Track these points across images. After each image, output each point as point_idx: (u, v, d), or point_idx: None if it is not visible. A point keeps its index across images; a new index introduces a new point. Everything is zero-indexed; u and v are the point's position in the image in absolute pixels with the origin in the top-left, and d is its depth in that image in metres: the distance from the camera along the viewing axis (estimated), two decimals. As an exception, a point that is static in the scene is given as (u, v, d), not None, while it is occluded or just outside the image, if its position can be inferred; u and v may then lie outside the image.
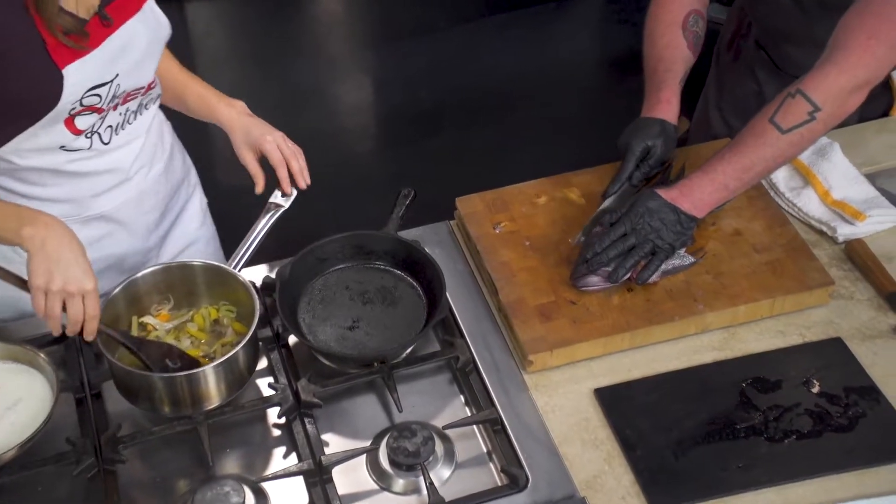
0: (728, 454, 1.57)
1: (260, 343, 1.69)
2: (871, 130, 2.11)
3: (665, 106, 1.83)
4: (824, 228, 1.91)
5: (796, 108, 1.70)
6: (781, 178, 1.97)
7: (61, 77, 1.52)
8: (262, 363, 1.70)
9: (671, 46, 1.85)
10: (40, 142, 1.60)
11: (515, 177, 1.96)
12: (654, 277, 1.71)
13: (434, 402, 1.64)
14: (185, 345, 1.67)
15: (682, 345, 1.72)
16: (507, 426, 1.58)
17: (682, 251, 1.75)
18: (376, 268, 1.78)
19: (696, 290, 1.74)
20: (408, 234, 1.81)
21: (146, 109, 1.72)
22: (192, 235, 1.95)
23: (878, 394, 1.66)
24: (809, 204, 1.93)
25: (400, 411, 1.61)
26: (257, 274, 1.78)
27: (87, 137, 1.64)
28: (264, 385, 1.67)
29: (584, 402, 1.64)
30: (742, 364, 1.70)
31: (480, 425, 1.60)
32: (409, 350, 1.68)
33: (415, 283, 1.74)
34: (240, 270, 1.68)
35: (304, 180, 1.74)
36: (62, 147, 1.62)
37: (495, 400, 1.61)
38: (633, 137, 1.81)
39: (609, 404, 1.64)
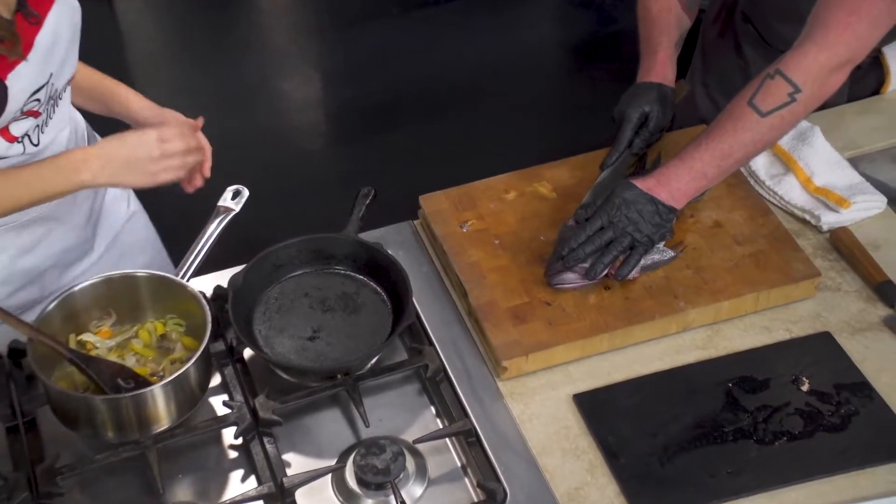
0: (716, 459, 1.56)
1: (213, 358, 1.64)
2: (852, 112, 2.10)
3: (660, 68, 1.83)
4: (807, 217, 1.89)
5: (776, 89, 1.69)
6: (761, 165, 1.95)
7: (5, 88, 1.49)
8: (216, 380, 1.66)
9: (665, 9, 1.87)
10: None
11: (481, 172, 1.94)
12: (633, 273, 1.70)
13: (403, 415, 1.61)
14: (130, 363, 1.61)
15: (664, 344, 1.70)
16: (482, 438, 1.55)
17: (661, 245, 1.73)
18: (336, 273, 1.75)
19: (676, 287, 1.72)
20: (369, 236, 1.79)
21: (61, 99, 1.67)
22: (123, 214, 1.92)
23: (871, 390, 1.65)
24: (791, 192, 1.92)
25: (367, 426, 1.58)
26: (208, 284, 1.74)
27: (19, 142, 1.61)
28: (218, 403, 1.63)
29: (562, 409, 1.62)
30: (727, 363, 1.68)
31: (453, 438, 1.58)
32: (374, 360, 1.65)
33: (378, 289, 1.72)
34: (188, 280, 1.65)
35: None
36: None
37: (468, 410, 1.58)
38: (629, 104, 1.81)
39: (589, 410, 1.62)
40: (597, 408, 1.62)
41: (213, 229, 1.69)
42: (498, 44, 4.04)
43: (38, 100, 1.56)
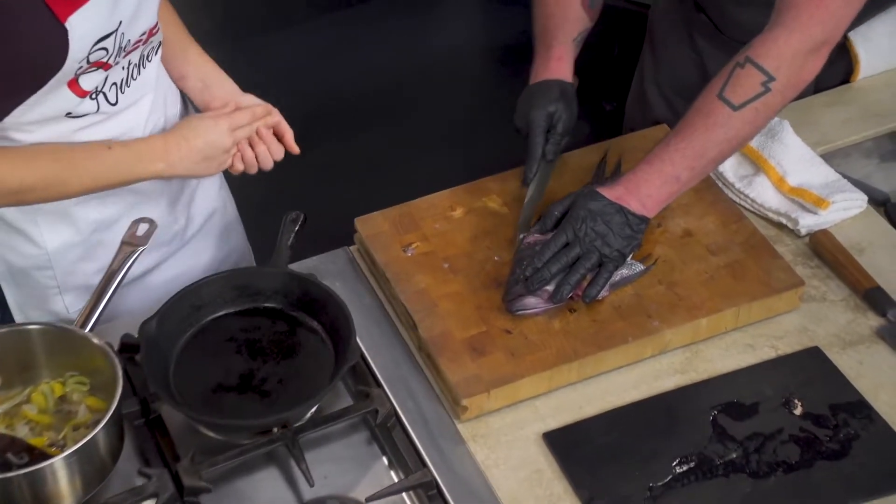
0: (708, 497, 1.51)
1: (124, 420, 1.53)
2: (820, 104, 2.07)
3: (557, 64, 1.81)
4: (784, 220, 1.85)
5: (747, 79, 1.65)
6: (729, 166, 1.90)
7: (65, 32, 1.46)
8: (129, 445, 1.55)
9: (563, 4, 1.85)
10: (44, 111, 1.55)
11: (415, 189, 1.89)
12: (603, 293, 1.63)
13: (352, 470, 1.54)
14: (21, 434, 1.48)
15: (640, 370, 1.66)
16: (444, 490, 1.49)
17: (630, 258, 1.69)
18: (266, 311, 1.68)
19: (648, 305, 1.67)
20: (299, 267, 1.72)
21: (149, 61, 1.67)
22: (214, 200, 1.92)
23: (869, 409, 1.61)
24: (764, 194, 1.88)
25: (311, 485, 1.50)
26: (114, 333, 1.64)
27: (92, 99, 1.59)
28: (134, 472, 1.52)
29: (532, 451, 1.56)
30: (710, 388, 1.64)
31: (412, 492, 1.51)
32: (315, 408, 1.58)
33: (315, 326, 1.65)
34: (91, 330, 1.54)
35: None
36: (68, 114, 1.58)
37: (427, 459, 1.52)
38: (531, 108, 1.78)
39: (562, 450, 1.56)
40: (570, 447, 1.56)
41: (120, 269, 1.60)
42: (419, 47, 3.97)
43: (105, 49, 1.53)
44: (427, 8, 4.17)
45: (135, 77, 1.66)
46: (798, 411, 1.60)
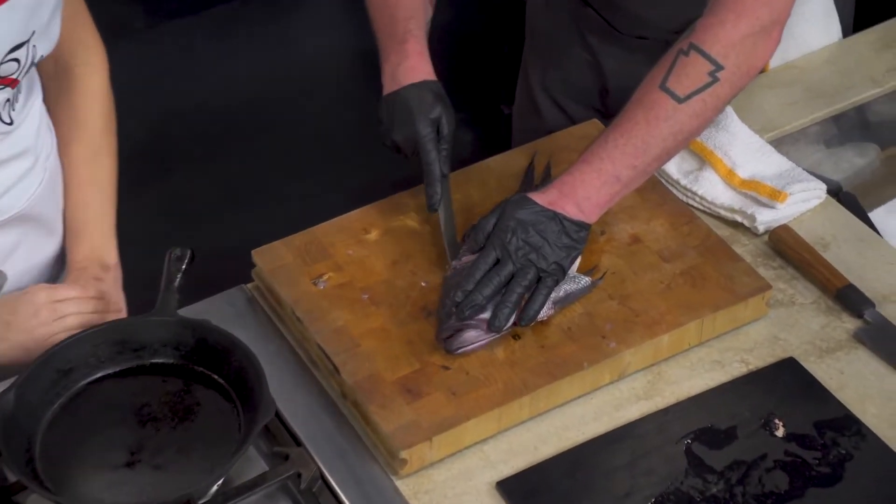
0: None
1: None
2: (760, 86, 2.04)
3: (418, 60, 1.73)
4: (738, 218, 1.82)
5: (692, 68, 1.62)
6: (671, 161, 1.85)
7: None
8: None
9: None
10: None
11: (312, 212, 1.83)
12: (543, 313, 1.59)
13: None
14: None
15: (598, 400, 1.61)
16: None
17: (573, 271, 1.64)
18: (154, 368, 1.58)
19: (601, 324, 1.63)
20: (187, 313, 1.64)
21: (33, 66, 1.59)
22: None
23: (858, 424, 1.57)
24: (713, 190, 1.84)
25: None
26: None
27: None
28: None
29: None
30: (679, 413, 1.59)
31: None
32: (222, 480, 1.48)
33: (217, 381, 1.56)
34: None
35: None
36: None
37: None
38: (413, 120, 1.70)
39: (520, 500, 1.50)
40: (529, 495, 1.50)
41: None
42: (278, 57, 3.88)
43: (17, 60, 1.49)
44: (281, 13, 4.08)
45: (21, 91, 1.60)
46: (780, 433, 1.57)
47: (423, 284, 1.68)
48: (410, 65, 1.73)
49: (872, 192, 2.10)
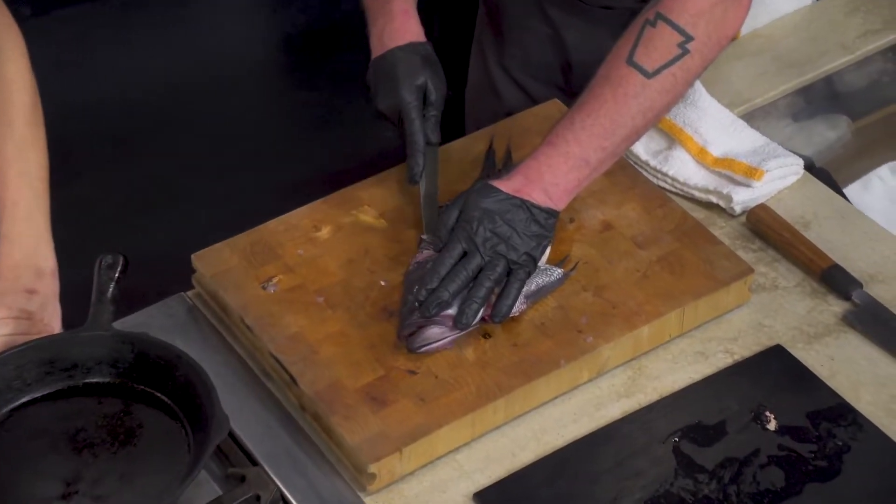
0: None
1: None
2: (727, 57, 2.03)
3: (404, 20, 1.75)
4: (713, 199, 1.81)
5: (661, 40, 1.61)
6: (639, 142, 1.80)
7: None
8: None
9: None
10: None
11: (242, 215, 1.80)
12: (515, 308, 1.57)
13: None
14: None
15: (577, 400, 1.59)
16: None
17: (543, 262, 1.63)
18: (89, 388, 1.54)
19: (577, 318, 1.61)
20: (122, 326, 1.60)
21: None
22: None
23: (854, 413, 1.56)
24: (685, 170, 1.83)
25: None
26: None
27: None
28: None
29: None
30: (664, 410, 1.58)
31: None
32: None
33: (161, 399, 1.53)
34: None
35: None
36: None
37: None
38: (397, 85, 1.71)
39: None
40: None
41: None
42: (187, 46, 3.80)
43: None
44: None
45: None
46: (772, 426, 1.56)
47: (382, 283, 1.65)
48: (396, 26, 1.73)
49: (845, 166, 2.12)
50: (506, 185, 1.60)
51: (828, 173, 1.96)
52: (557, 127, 1.62)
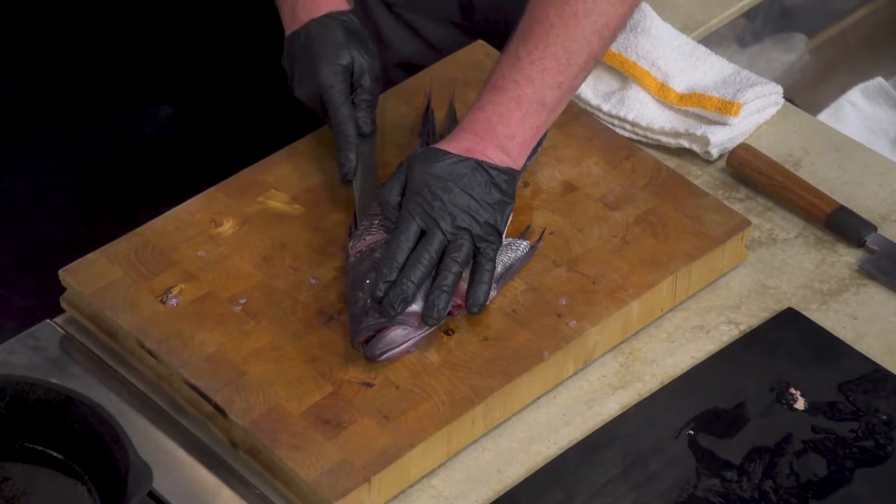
0: None
1: None
2: None
3: None
4: (684, 143, 1.81)
5: None
6: (585, 83, 1.81)
7: None
8: None
9: None
10: None
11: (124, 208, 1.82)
12: (494, 292, 1.58)
13: None
14: None
15: (565, 398, 1.58)
16: None
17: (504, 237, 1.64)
18: None
19: (553, 300, 1.60)
20: None
21: None
22: None
23: (894, 380, 1.58)
24: (645, 112, 1.83)
25: None
26: None
27: None
28: None
29: None
30: (669, 399, 1.58)
31: None
32: None
33: (51, 455, 1.51)
34: None
35: None
36: None
37: None
38: (317, 68, 1.70)
39: None
40: None
41: None
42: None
43: None
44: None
45: None
46: (800, 404, 1.56)
47: (312, 281, 1.63)
48: None
49: (808, 91, 2.16)
50: (453, 146, 1.58)
51: (793, 103, 1.97)
52: (500, 67, 1.62)
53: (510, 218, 1.62)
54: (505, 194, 1.58)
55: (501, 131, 1.59)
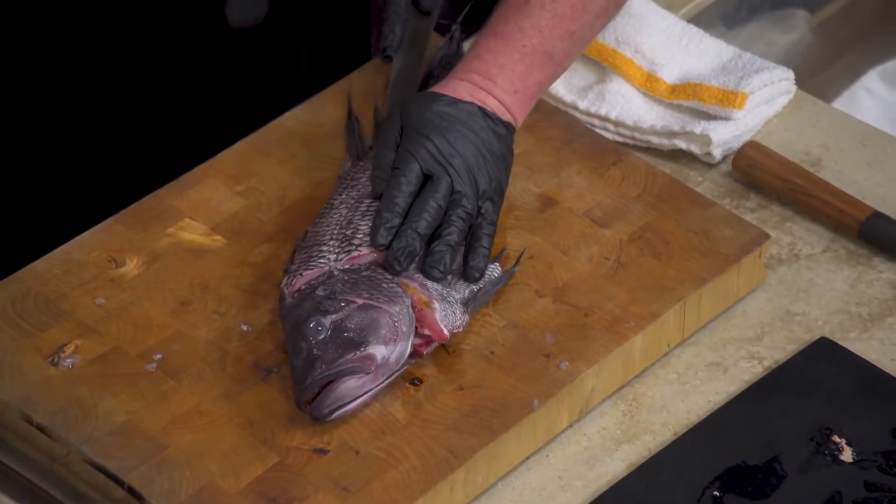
0: None
1: None
2: None
3: None
4: (681, 144, 1.85)
5: None
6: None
7: None
8: None
9: None
10: None
11: None
12: (458, 321, 1.63)
13: None
14: None
15: (559, 456, 1.60)
16: None
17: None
18: None
19: (538, 337, 1.63)
20: None
21: None
22: None
23: None
24: (630, 108, 1.88)
25: None
26: None
27: None
28: None
29: None
30: (685, 456, 1.60)
31: None
32: None
33: None
34: None
35: None
36: None
37: None
38: None
39: None
40: None
41: None
42: None
43: None
44: None
45: None
46: (847, 456, 1.58)
47: (243, 328, 1.64)
48: None
49: (814, 78, 2.21)
50: (451, 89, 1.65)
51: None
52: (504, 9, 1.67)
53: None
54: (507, 147, 1.65)
55: (502, 83, 1.65)
